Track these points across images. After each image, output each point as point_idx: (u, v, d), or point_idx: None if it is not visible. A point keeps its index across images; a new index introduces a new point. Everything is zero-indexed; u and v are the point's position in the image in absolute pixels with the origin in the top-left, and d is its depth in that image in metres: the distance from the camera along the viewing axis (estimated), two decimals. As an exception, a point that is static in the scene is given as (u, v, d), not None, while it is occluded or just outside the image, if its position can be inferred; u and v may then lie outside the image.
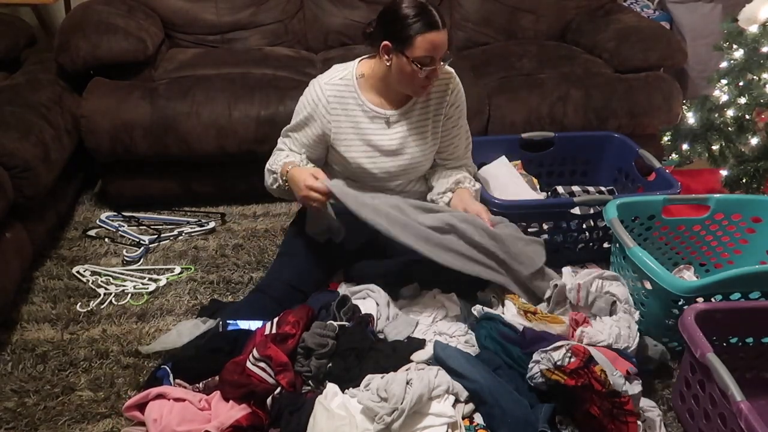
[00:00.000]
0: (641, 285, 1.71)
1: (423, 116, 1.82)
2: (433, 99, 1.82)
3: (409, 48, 1.61)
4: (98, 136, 2.21)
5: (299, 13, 2.80)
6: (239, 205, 2.45)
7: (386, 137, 1.80)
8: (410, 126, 1.81)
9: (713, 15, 3.16)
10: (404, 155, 1.82)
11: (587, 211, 2.02)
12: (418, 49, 1.61)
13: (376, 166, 1.82)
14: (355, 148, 1.79)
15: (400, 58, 1.64)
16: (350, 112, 1.77)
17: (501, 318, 1.64)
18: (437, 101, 1.82)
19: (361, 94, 1.77)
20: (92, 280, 1.99)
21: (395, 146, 1.81)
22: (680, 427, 1.55)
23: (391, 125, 1.80)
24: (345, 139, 1.78)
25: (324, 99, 1.74)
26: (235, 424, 1.38)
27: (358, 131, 1.78)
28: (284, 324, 1.54)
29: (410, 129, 1.81)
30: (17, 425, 1.49)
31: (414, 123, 1.81)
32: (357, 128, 1.78)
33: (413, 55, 1.62)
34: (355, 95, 1.76)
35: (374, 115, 1.78)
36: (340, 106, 1.76)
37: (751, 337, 1.60)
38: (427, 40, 1.60)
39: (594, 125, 2.47)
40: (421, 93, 1.74)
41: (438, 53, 1.63)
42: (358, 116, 1.77)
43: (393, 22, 1.63)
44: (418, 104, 1.81)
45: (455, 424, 1.41)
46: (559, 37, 2.96)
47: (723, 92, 2.21)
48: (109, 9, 2.42)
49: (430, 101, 1.82)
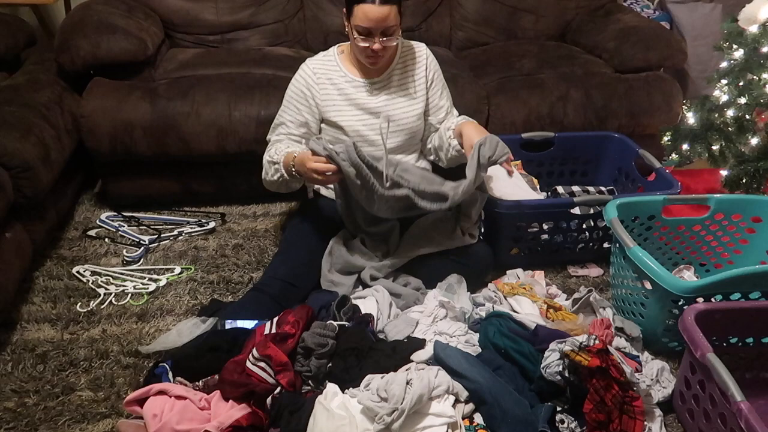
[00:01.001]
0: (641, 285, 1.70)
1: (403, 81, 1.94)
2: (410, 66, 1.95)
3: (351, 15, 1.75)
4: (98, 136, 2.21)
5: (299, 13, 2.80)
6: (239, 205, 2.45)
7: (372, 101, 1.91)
8: (392, 91, 1.93)
9: (713, 15, 3.16)
10: (394, 117, 1.91)
11: (587, 211, 2.03)
12: (355, 17, 1.74)
13: (368, 127, 1.90)
14: (345, 112, 1.90)
15: (348, 25, 1.79)
16: (335, 81, 1.90)
17: (510, 315, 1.66)
18: (416, 68, 1.95)
19: (342, 66, 1.91)
20: (92, 280, 1.99)
21: (382, 108, 1.90)
22: (680, 427, 1.55)
23: (373, 92, 1.91)
24: (334, 106, 1.89)
25: (310, 72, 1.89)
26: (235, 424, 1.38)
27: (345, 96, 1.89)
28: (284, 324, 1.54)
29: (393, 94, 1.93)
30: (17, 425, 1.49)
31: (395, 88, 1.93)
32: (343, 94, 1.89)
33: (353, 23, 1.76)
34: (337, 67, 1.91)
35: (356, 84, 1.90)
36: (324, 76, 1.89)
37: (751, 337, 1.60)
38: (362, 10, 1.72)
39: (594, 125, 2.47)
40: (369, 62, 1.83)
41: (375, 26, 1.73)
42: (342, 84, 1.90)
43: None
44: (395, 72, 1.93)
45: (455, 424, 1.42)
46: (559, 37, 2.96)
47: (723, 92, 2.21)
48: (109, 9, 2.42)
49: (407, 67, 1.95)
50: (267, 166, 1.88)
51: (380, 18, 1.71)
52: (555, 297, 1.91)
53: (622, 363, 1.45)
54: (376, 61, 1.82)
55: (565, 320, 1.72)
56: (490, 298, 1.79)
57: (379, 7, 1.70)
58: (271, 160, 1.85)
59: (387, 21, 1.73)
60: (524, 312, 1.74)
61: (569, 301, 1.86)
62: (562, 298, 1.91)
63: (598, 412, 1.40)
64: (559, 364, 1.45)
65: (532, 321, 1.65)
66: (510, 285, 1.86)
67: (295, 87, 1.91)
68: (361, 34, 1.75)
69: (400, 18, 1.77)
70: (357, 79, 1.90)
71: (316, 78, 1.88)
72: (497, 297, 1.80)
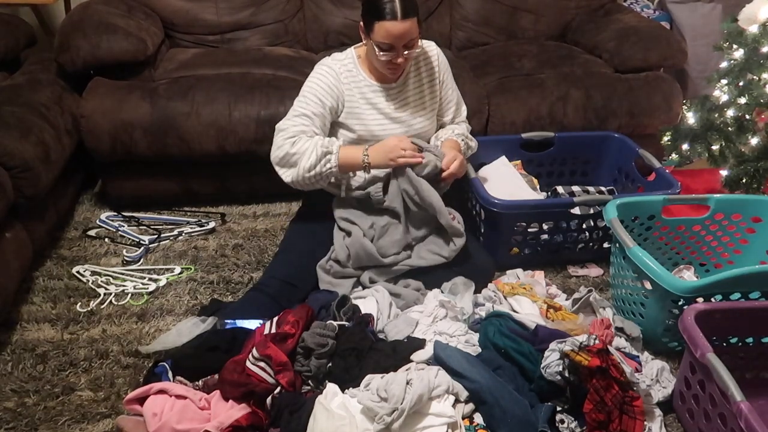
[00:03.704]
0: (641, 285, 1.70)
1: (418, 85, 1.95)
2: (423, 68, 1.95)
3: (371, 32, 1.74)
4: (98, 136, 2.21)
5: (299, 13, 2.80)
6: (239, 205, 2.45)
7: (390, 106, 1.91)
8: (408, 97, 1.93)
9: (713, 15, 3.16)
10: (409, 122, 1.93)
11: (587, 211, 2.02)
12: (377, 34, 1.72)
13: (387, 132, 1.90)
14: (366, 114, 1.89)
15: (368, 39, 1.77)
16: (358, 83, 1.88)
17: (510, 315, 1.66)
18: (428, 70, 1.95)
19: (361, 70, 1.89)
20: (92, 280, 1.99)
21: (398, 115, 1.91)
22: (680, 427, 1.55)
23: (390, 98, 1.90)
24: (357, 107, 1.88)
25: (337, 70, 1.86)
26: (235, 424, 1.38)
27: (366, 99, 1.89)
28: (284, 323, 1.54)
29: (409, 99, 1.93)
30: (17, 425, 1.49)
31: (411, 93, 1.93)
32: (365, 97, 1.89)
33: (374, 39, 1.74)
34: (358, 71, 1.89)
35: (375, 88, 1.89)
36: (349, 76, 1.88)
37: (751, 337, 1.60)
38: (383, 27, 1.70)
39: (594, 125, 2.47)
40: (389, 73, 1.84)
41: (397, 41, 1.72)
42: (364, 87, 1.89)
43: (366, 4, 1.76)
44: (410, 77, 1.93)
45: (455, 424, 1.41)
46: (559, 37, 2.96)
47: (723, 92, 2.21)
48: (109, 9, 2.42)
49: (420, 71, 1.94)
50: (314, 157, 1.75)
51: (403, 33, 1.71)
52: (555, 297, 1.91)
53: (622, 363, 1.45)
54: (397, 71, 1.83)
55: (565, 320, 1.72)
56: (490, 298, 1.79)
57: (401, 23, 1.69)
58: (327, 149, 1.77)
59: (410, 34, 1.72)
60: (524, 312, 1.74)
61: (569, 301, 1.86)
62: (562, 298, 1.91)
63: (598, 412, 1.40)
64: (559, 364, 1.45)
65: (532, 321, 1.65)
66: (510, 285, 1.86)
67: (323, 80, 1.84)
68: (383, 50, 1.74)
69: (420, 27, 1.77)
70: (375, 83, 1.89)
71: (342, 77, 1.86)
72: (497, 297, 1.80)
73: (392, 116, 1.90)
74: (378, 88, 1.89)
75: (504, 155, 2.30)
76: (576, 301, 1.82)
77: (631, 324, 1.73)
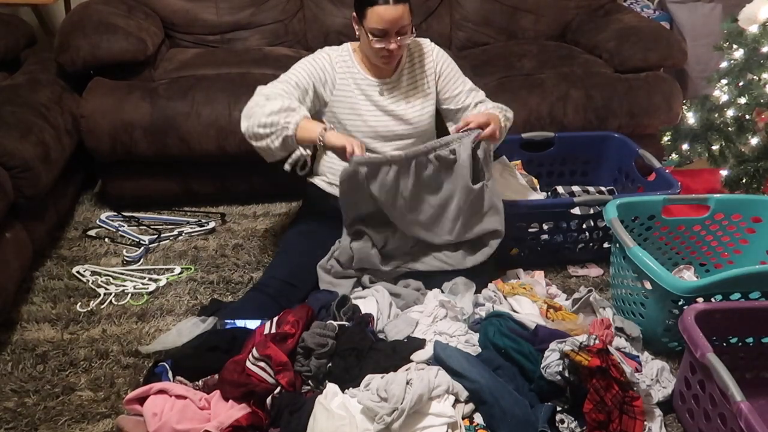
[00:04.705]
0: (641, 285, 1.70)
1: (412, 80, 1.94)
2: (417, 64, 1.95)
3: (363, 18, 1.75)
4: (98, 136, 2.21)
5: (299, 13, 2.80)
6: (239, 205, 2.45)
7: (385, 100, 1.91)
8: (402, 91, 1.93)
9: (713, 15, 3.16)
10: (404, 117, 1.92)
11: (587, 211, 2.03)
12: (369, 20, 1.73)
13: (382, 125, 1.91)
14: (360, 104, 1.89)
15: (361, 28, 1.79)
16: (354, 75, 1.89)
17: (510, 315, 1.66)
18: (421, 65, 1.95)
19: (356, 63, 1.90)
20: (92, 280, 1.99)
21: (393, 109, 1.91)
22: (680, 427, 1.55)
23: (385, 92, 1.91)
24: (351, 97, 1.89)
25: (333, 57, 1.89)
26: (235, 424, 1.38)
27: (362, 90, 1.89)
28: (284, 323, 1.54)
29: (404, 93, 1.93)
30: (17, 425, 1.49)
31: (405, 87, 1.93)
32: (360, 88, 1.89)
33: (367, 26, 1.75)
34: (353, 63, 1.90)
35: (370, 82, 1.90)
36: (344, 66, 1.89)
37: (751, 337, 1.60)
38: (376, 12, 1.71)
39: (594, 125, 2.47)
40: (383, 62, 1.83)
41: (390, 26, 1.73)
42: (359, 79, 1.90)
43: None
44: (404, 72, 1.93)
45: (455, 424, 1.41)
46: (559, 37, 2.95)
47: (723, 92, 2.21)
48: (108, 9, 2.42)
49: (414, 66, 1.94)
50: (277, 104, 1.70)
51: (395, 18, 1.72)
52: (555, 297, 1.91)
53: (622, 363, 1.45)
54: (390, 60, 1.83)
55: (565, 320, 1.72)
56: (490, 298, 1.79)
57: (393, 7, 1.71)
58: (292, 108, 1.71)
59: (402, 20, 1.73)
60: (524, 312, 1.74)
61: (569, 301, 1.86)
62: (562, 298, 1.91)
63: (598, 412, 1.40)
64: (559, 364, 1.45)
65: (532, 321, 1.65)
66: (510, 285, 1.86)
67: (317, 62, 1.86)
68: (376, 36, 1.75)
69: (411, 15, 1.77)
70: (370, 78, 1.90)
71: (337, 66, 1.88)
72: (497, 297, 1.80)
73: (387, 109, 1.91)
74: (373, 82, 1.90)
75: (504, 155, 2.30)
76: (576, 301, 1.82)
77: (631, 324, 1.73)
